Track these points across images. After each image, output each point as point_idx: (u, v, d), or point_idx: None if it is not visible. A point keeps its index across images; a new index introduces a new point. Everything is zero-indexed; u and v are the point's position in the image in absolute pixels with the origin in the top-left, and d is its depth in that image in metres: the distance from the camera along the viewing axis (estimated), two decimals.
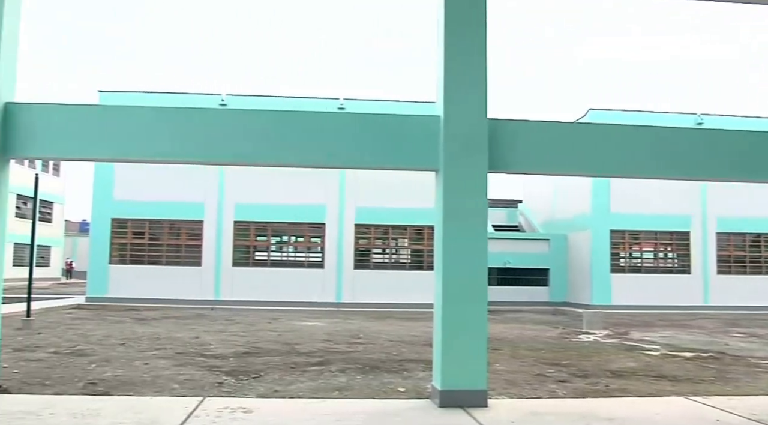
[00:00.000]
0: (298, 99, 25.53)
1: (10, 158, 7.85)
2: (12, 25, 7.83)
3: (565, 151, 8.07)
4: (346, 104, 25.78)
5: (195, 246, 26.39)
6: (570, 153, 8.09)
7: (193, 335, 14.72)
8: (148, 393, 8.14)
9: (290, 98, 25.49)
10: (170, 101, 23.40)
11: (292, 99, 25.43)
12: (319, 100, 26.07)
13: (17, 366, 9.92)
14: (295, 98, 25.60)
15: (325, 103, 25.88)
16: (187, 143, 7.93)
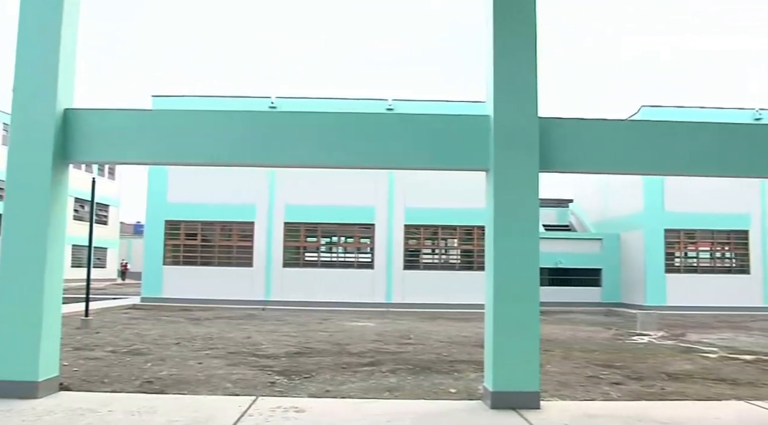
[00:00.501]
0: (346, 100, 25.69)
1: (69, 163, 8.07)
2: (70, 34, 8.04)
3: (618, 149, 7.92)
4: (395, 105, 25.81)
5: (246, 247, 26.74)
6: (623, 151, 7.94)
7: (245, 335, 14.91)
8: (202, 392, 8.27)
9: (339, 100, 25.67)
10: (221, 105, 23.76)
11: (341, 100, 25.60)
12: (368, 101, 26.15)
13: (77, 364, 10.19)
14: (344, 100, 25.76)
15: (374, 104, 25.96)
16: (238, 146, 8.04)
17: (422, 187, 26.20)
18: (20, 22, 7.91)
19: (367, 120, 8.13)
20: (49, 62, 7.80)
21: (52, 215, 7.65)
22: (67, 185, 8.08)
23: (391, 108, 25.75)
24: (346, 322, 19.06)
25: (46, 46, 7.82)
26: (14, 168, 7.71)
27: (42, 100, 7.76)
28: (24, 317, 7.44)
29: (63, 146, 7.86)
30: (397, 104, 25.81)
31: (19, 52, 7.89)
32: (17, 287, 7.50)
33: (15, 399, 7.15)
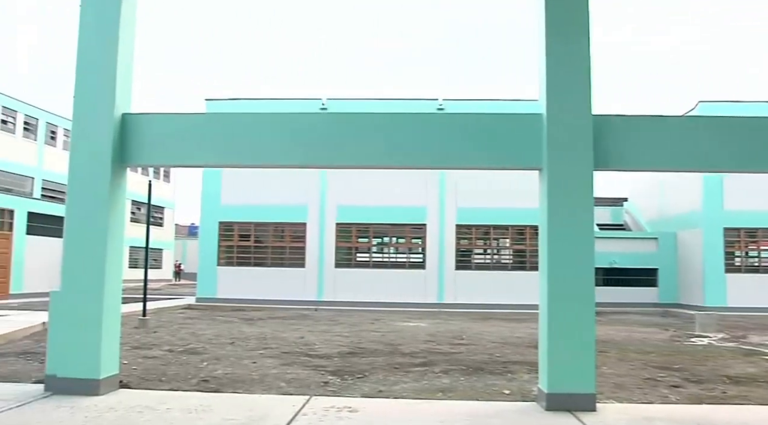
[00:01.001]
0: (396, 101, 25.73)
1: (127, 166, 8.27)
2: (128, 41, 8.25)
3: (676, 146, 7.74)
4: (445, 105, 25.73)
5: (299, 248, 27.00)
6: (681, 148, 7.75)
7: (298, 335, 15.04)
8: (257, 391, 8.38)
9: (389, 100, 25.73)
10: (272, 107, 24.06)
11: (391, 101, 25.66)
12: (418, 101, 26.13)
13: (136, 362, 10.44)
14: (394, 100, 25.81)
15: (424, 104, 25.92)
16: (290, 147, 8.13)
17: (474, 187, 26.07)
18: (80, 31, 8.15)
19: (418, 120, 8.13)
20: (108, 69, 8.01)
21: (111, 218, 7.85)
22: (125, 188, 8.29)
23: (442, 108, 25.68)
24: (397, 322, 19.08)
25: (104, 53, 8.04)
26: (75, 172, 7.95)
27: (101, 105, 7.97)
28: (86, 317, 7.66)
29: (121, 150, 8.07)
30: (448, 104, 25.71)
31: (79, 60, 8.12)
32: (79, 287, 7.73)
33: (78, 396, 7.37)
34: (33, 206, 27.72)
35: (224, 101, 26.53)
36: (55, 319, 7.83)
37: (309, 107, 25.44)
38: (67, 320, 7.72)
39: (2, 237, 25.51)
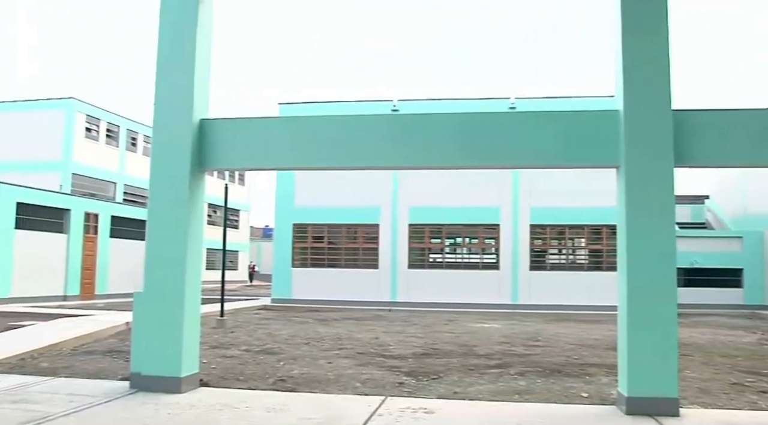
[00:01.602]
0: (468, 101, 25.59)
1: (205, 170, 8.49)
2: (204, 48, 8.48)
3: (763, 140, 7.41)
4: (517, 103, 25.43)
5: (372, 249, 27.15)
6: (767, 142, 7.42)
7: (372, 335, 15.12)
8: (332, 391, 8.45)
9: (461, 100, 25.63)
10: (344, 110, 24.27)
11: (463, 101, 25.55)
12: (490, 100, 25.90)
13: (215, 361, 10.68)
14: (466, 100, 25.69)
15: (496, 103, 25.67)
16: (362, 149, 8.19)
17: (548, 186, 25.63)
18: (159, 39, 8.41)
19: (490, 120, 8.05)
20: (186, 76, 8.25)
21: (190, 221, 8.08)
22: (204, 192, 8.51)
23: (514, 107, 25.39)
24: (471, 323, 18.94)
25: (182, 61, 8.27)
26: (156, 177, 8.21)
27: (180, 112, 8.22)
28: (167, 317, 7.90)
29: (199, 155, 8.28)
30: (520, 103, 25.40)
31: (158, 68, 8.39)
32: (161, 289, 7.98)
33: (161, 393, 7.61)
34: (116, 210, 28.76)
35: (297, 105, 26.96)
36: (139, 319, 8.10)
37: (381, 108, 25.57)
38: (150, 320, 7.98)
39: (88, 240, 26.56)
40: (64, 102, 35.47)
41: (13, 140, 35.29)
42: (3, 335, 13.25)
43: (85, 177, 35.78)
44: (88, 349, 12.07)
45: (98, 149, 37.31)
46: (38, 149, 34.78)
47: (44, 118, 35.34)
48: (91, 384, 8.44)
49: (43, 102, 35.94)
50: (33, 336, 12.88)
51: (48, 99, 35.98)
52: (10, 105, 36.46)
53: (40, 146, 34.86)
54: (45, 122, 35.26)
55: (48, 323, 15.40)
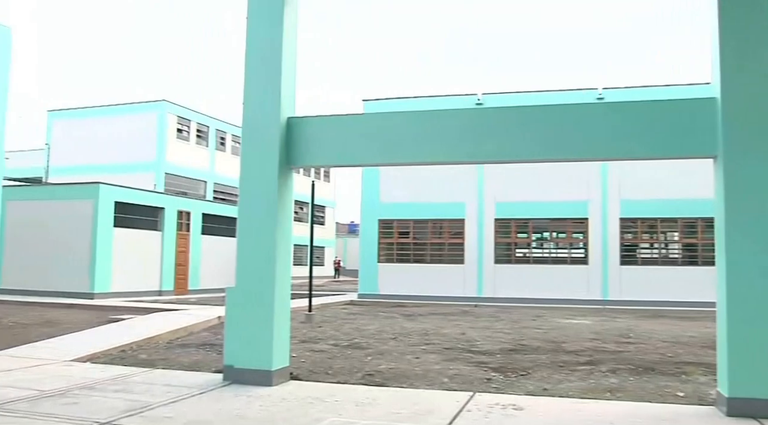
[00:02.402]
0: (553, 93, 25.13)
1: (293, 168, 8.63)
2: (290, 48, 8.62)
3: None
4: (605, 94, 24.76)
5: (457, 244, 27.03)
6: None
7: (459, 331, 15.05)
8: (420, 386, 8.46)
9: (545, 93, 25.18)
10: (428, 105, 24.21)
11: (547, 93, 25.10)
12: (576, 91, 25.33)
13: (304, 356, 10.87)
14: (551, 92, 25.23)
15: (583, 94, 25.08)
16: (446, 144, 8.14)
17: (639, 178, 24.85)
18: (247, 41, 8.61)
19: (576, 111, 7.88)
20: (273, 75, 8.41)
21: (280, 217, 8.23)
22: (292, 189, 8.67)
23: (602, 97, 24.74)
24: (560, 319, 18.60)
25: (269, 61, 8.44)
26: (246, 175, 8.41)
27: (268, 110, 8.38)
28: (259, 312, 8.09)
29: (287, 152, 8.44)
30: (608, 93, 24.72)
31: (247, 68, 8.59)
32: (252, 284, 8.18)
33: (253, 386, 7.79)
34: (206, 208, 29.67)
35: (381, 101, 27.10)
36: (231, 314, 8.32)
37: (464, 103, 25.42)
38: (241, 314, 8.19)
39: (181, 237, 27.50)
40: (156, 104, 36.84)
41: (110, 142, 36.93)
42: (105, 328, 13.89)
43: (177, 176, 37.07)
44: (183, 342, 12.49)
45: (189, 149, 38.56)
46: (133, 150, 36.28)
47: (138, 120, 36.83)
48: (187, 376, 8.74)
49: (136, 105, 37.44)
50: (132, 329, 13.45)
51: (141, 102, 37.45)
52: (107, 109, 38.15)
53: (135, 147, 36.34)
54: (139, 125, 36.74)
55: (145, 317, 16.03)
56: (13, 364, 9.32)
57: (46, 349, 10.82)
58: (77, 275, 23.07)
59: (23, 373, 8.65)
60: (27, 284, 23.47)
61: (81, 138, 38.20)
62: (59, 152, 38.91)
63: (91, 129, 38.04)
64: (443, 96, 26.54)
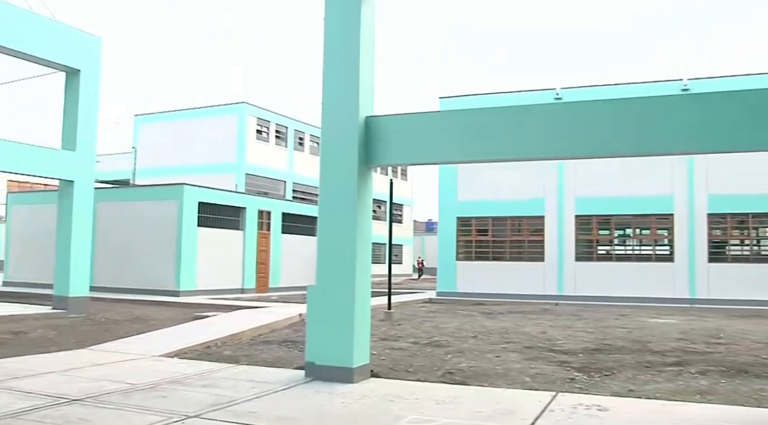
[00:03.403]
0: (632, 85, 24.42)
1: (372, 167, 8.67)
2: (368, 48, 8.66)
3: None
4: (691, 85, 23.91)
5: (537, 242, 26.61)
6: None
7: (539, 329, 14.82)
8: (501, 385, 8.36)
9: (623, 85, 24.52)
10: (506, 101, 23.93)
11: (626, 86, 24.43)
12: (658, 83, 24.55)
13: (384, 353, 10.92)
14: (633, 85, 24.54)
15: (665, 86, 24.29)
16: (523, 140, 8.03)
17: (727, 171, 23.87)
18: (325, 42, 8.70)
19: (660, 104, 7.60)
20: (351, 75, 8.47)
21: (359, 216, 8.29)
22: (371, 188, 8.71)
23: (687, 88, 23.91)
24: (645, 318, 18.07)
25: (347, 61, 8.51)
26: (326, 174, 8.50)
27: (346, 110, 8.45)
28: (339, 310, 8.17)
29: (366, 151, 8.48)
30: (694, 84, 23.85)
31: (325, 68, 8.68)
32: (333, 282, 8.26)
33: (334, 383, 7.88)
34: (286, 207, 30.15)
35: (458, 98, 26.94)
36: (313, 311, 8.43)
37: (543, 98, 25.00)
38: (322, 312, 8.29)
39: (262, 236, 28.05)
40: (237, 107, 37.69)
41: (193, 144, 38.04)
42: (191, 324, 14.30)
43: (257, 177, 37.82)
44: (265, 339, 12.73)
45: (268, 149, 39.29)
46: (215, 151, 37.24)
47: (219, 123, 37.77)
48: (270, 372, 8.91)
49: (218, 108, 38.41)
50: (216, 326, 13.80)
51: (222, 105, 38.39)
52: (189, 112, 39.28)
53: (217, 149, 37.29)
54: (220, 127, 37.68)
55: (228, 314, 16.42)
56: (107, 358, 9.71)
57: (135, 344, 11.22)
58: (164, 274, 23.86)
59: (116, 367, 8.99)
60: (117, 281, 24.43)
61: (165, 141, 39.50)
62: (145, 154, 40.33)
63: (174, 132, 39.28)
64: (520, 91, 26.17)
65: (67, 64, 17.40)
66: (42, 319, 15.76)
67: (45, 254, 24.28)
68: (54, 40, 16.91)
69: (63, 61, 17.25)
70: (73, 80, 17.75)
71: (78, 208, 17.48)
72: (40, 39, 16.51)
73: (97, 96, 18.18)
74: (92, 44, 18.13)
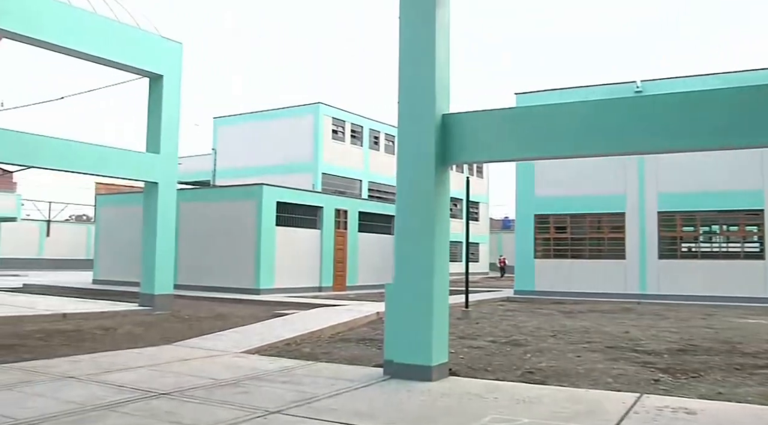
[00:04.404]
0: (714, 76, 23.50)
1: (449, 165, 8.64)
2: (443, 45, 8.62)
3: None
4: None
5: (618, 239, 25.95)
6: None
7: (621, 329, 14.46)
8: (583, 385, 8.19)
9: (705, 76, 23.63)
10: (583, 95, 23.41)
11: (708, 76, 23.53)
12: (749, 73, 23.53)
13: (462, 352, 10.86)
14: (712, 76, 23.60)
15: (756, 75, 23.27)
16: (607, 135, 7.83)
17: None
18: (400, 40, 8.72)
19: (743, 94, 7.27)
20: (427, 73, 8.46)
21: (437, 214, 8.27)
22: (448, 186, 8.67)
23: None
24: (733, 318, 17.39)
25: (423, 59, 8.50)
26: (403, 173, 8.51)
27: (422, 108, 8.45)
28: (418, 308, 8.17)
29: (443, 149, 8.45)
30: None
31: (401, 68, 8.70)
32: (411, 280, 8.27)
33: (413, 381, 7.88)
34: (362, 206, 30.36)
35: (533, 94, 26.55)
36: (391, 309, 8.46)
37: (622, 91, 24.35)
38: (401, 310, 8.30)
39: (338, 235, 28.33)
40: (312, 107, 38.16)
41: (270, 145, 38.74)
42: (270, 322, 14.57)
43: (333, 176, 38.20)
44: (344, 337, 12.86)
45: (344, 149, 39.63)
46: (291, 152, 37.82)
47: (296, 123, 38.34)
48: (349, 369, 8.99)
49: (293, 109, 38.98)
50: (295, 324, 14.02)
51: (298, 105, 38.94)
52: (266, 114, 40.02)
53: (293, 149, 37.86)
54: (296, 127, 38.24)
55: (307, 312, 16.66)
56: (191, 354, 10.00)
57: (218, 341, 11.51)
58: (244, 272, 24.40)
59: (200, 363, 9.25)
60: (199, 280, 25.12)
61: (243, 142, 40.36)
62: (224, 155, 41.32)
63: (252, 133, 40.09)
64: (598, 85, 25.55)
65: (151, 70, 18.01)
66: (129, 316, 16.37)
67: (131, 254, 25.24)
68: (138, 47, 17.54)
69: (147, 67, 17.87)
70: (156, 85, 18.36)
71: (162, 209, 18.06)
72: (126, 47, 17.15)
73: (178, 100, 18.75)
74: (174, 50, 18.71)
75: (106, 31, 16.66)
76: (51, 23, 15.37)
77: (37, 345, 11.17)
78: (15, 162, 15.95)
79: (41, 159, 15.77)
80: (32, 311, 15.92)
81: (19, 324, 14.18)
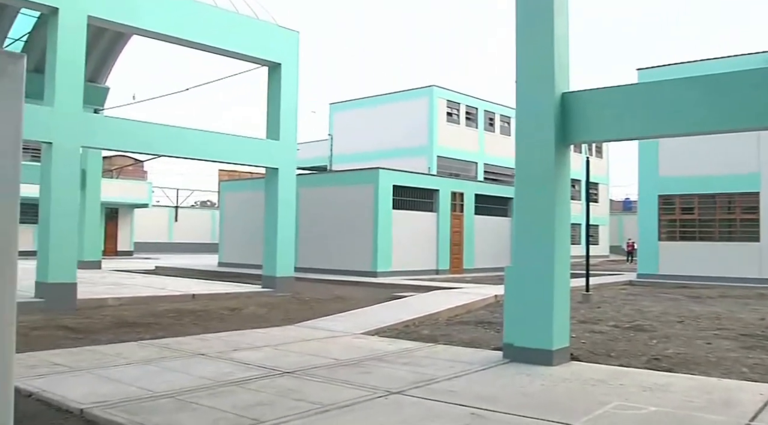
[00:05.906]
0: None
1: (569, 144, 8.41)
2: (562, 22, 8.38)
3: None
4: None
5: (751, 220, 24.43)
6: None
7: (757, 315, 13.67)
8: (714, 374, 7.81)
9: None
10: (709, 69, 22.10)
11: None
12: None
13: (584, 336, 10.60)
14: None
15: None
16: (733, 110, 7.35)
17: None
18: (517, 19, 8.54)
19: None
20: (546, 51, 8.25)
21: (557, 195, 8.08)
22: (569, 166, 8.45)
23: None
24: None
25: (541, 37, 8.30)
26: (521, 153, 8.37)
27: (541, 87, 8.25)
28: (538, 291, 8.04)
29: (563, 129, 8.23)
30: None
31: (518, 46, 8.52)
32: (531, 263, 8.14)
33: (533, 365, 7.77)
34: (478, 189, 30.13)
35: (656, 69, 25.33)
36: (510, 292, 8.36)
37: (750, 63, 22.81)
38: (521, 293, 8.19)
39: (455, 218, 28.26)
40: (426, 90, 38.13)
41: (385, 129, 39.08)
42: (389, 304, 14.75)
43: (448, 159, 38.08)
44: (462, 319, 12.84)
45: (459, 131, 39.40)
46: (406, 135, 37.99)
47: (410, 107, 38.44)
48: (467, 352, 8.98)
49: (408, 92, 39.08)
50: (413, 306, 14.12)
51: (412, 89, 39.00)
52: (381, 98, 40.35)
53: (408, 132, 38.02)
54: (411, 111, 38.34)
55: (424, 295, 16.74)
56: (313, 335, 10.29)
57: (338, 322, 11.78)
58: (361, 255, 24.81)
59: (321, 343, 9.50)
60: (318, 262, 25.78)
61: (359, 127, 40.90)
62: (340, 140, 42.03)
63: (367, 118, 40.54)
64: (723, 58, 24.03)
65: (270, 59, 18.52)
66: (253, 297, 17.02)
67: (254, 237, 26.19)
68: (257, 37, 18.07)
69: (266, 56, 18.39)
70: (274, 74, 18.86)
71: (283, 194, 18.60)
72: (246, 38, 17.73)
73: (296, 87, 19.19)
74: (291, 38, 19.14)
75: (228, 24, 17.28)
76: (178, 19, 16.12)
77: (170, 324, 11.81)
78: (163, 153, 17.08)
79: (181, 149, 16.76)
80: (164, 292, 16.85)
81: (154, 303, 15.04)
